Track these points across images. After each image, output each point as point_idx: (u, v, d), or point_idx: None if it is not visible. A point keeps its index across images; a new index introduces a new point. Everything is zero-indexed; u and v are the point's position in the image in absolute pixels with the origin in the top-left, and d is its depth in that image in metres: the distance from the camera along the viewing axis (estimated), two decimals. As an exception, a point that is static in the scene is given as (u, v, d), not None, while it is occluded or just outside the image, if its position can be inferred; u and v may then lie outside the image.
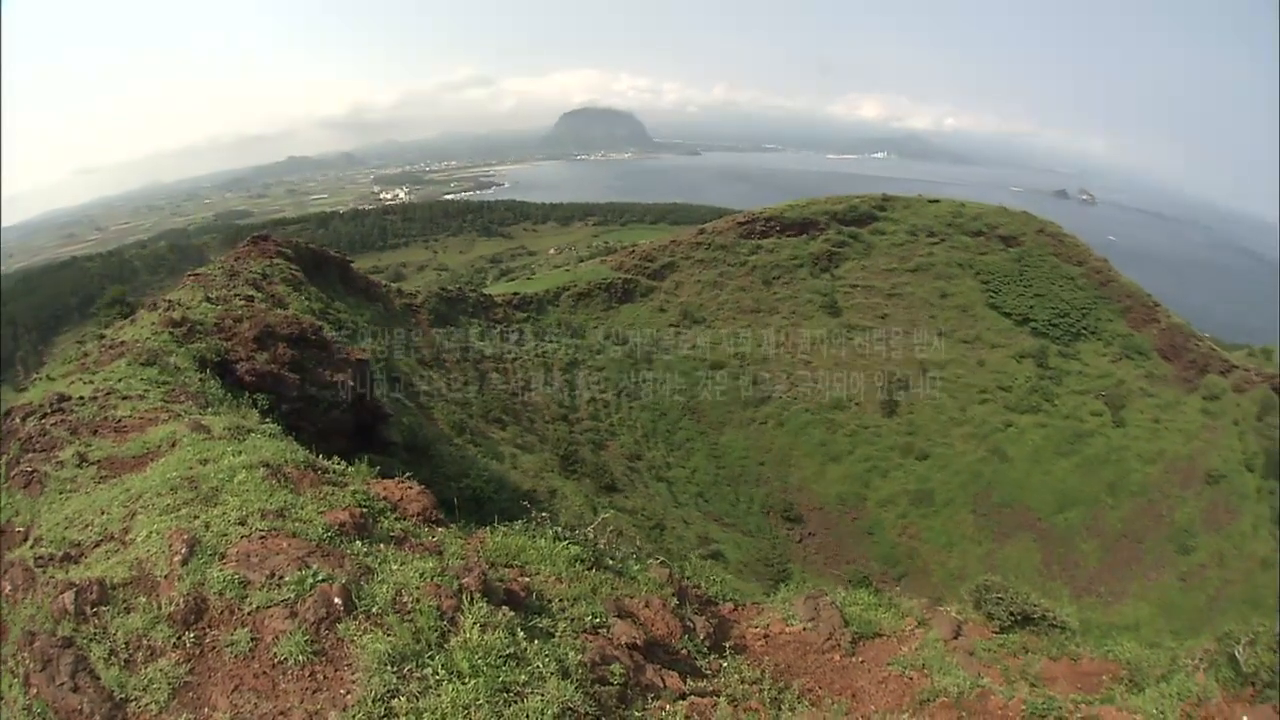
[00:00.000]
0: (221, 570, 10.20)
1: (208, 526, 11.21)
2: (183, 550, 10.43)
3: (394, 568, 11.09)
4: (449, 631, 9.91)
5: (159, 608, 9.69)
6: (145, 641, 9.38)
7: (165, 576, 10.15)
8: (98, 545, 11.33)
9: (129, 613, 9.70)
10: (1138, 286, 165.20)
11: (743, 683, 14.17)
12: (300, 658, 9.17)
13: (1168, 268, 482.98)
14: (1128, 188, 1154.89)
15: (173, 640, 9.38)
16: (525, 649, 10.09)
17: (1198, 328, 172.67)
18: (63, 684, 9.06)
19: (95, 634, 9.49)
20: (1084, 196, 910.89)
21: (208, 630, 9.59)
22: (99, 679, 9.09)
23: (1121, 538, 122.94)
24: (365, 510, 12.86)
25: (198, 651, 9.37)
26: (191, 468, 13.70)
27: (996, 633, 19.75)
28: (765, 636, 17.93)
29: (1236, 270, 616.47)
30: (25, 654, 9.49)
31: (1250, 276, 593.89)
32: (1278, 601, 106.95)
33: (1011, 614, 20.10)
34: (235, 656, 9.28)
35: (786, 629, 18.02)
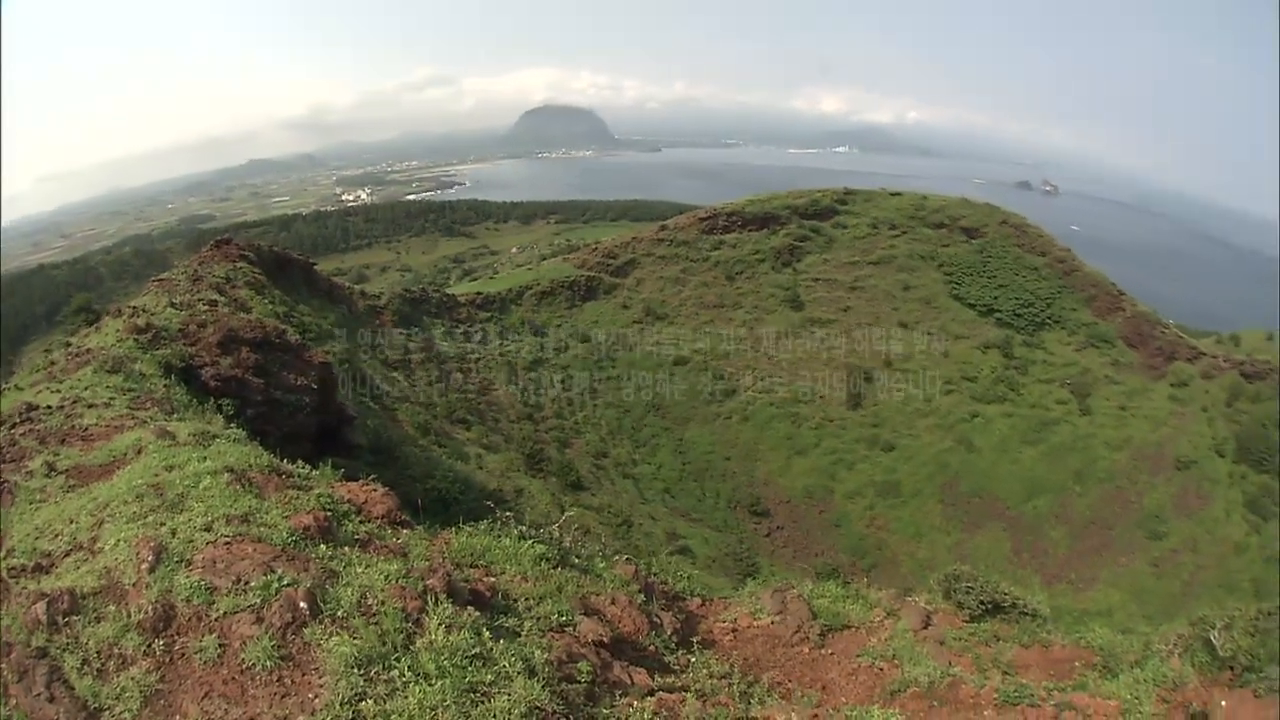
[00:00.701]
0: (188, 577, 10.23)
1: (174, 533, 11.22)
2: (150, 558, 10.45)
3: (359, 571, 11.13)
4: (414, 633, 9.95)
5: (128, 616, 9.74)
6: (116, 650, 9.42)
7: (133, 585, 10.19)
8: (68, 555, 11.32)
9: (99, 622, 9.74)
10: (1102, 275, 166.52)
11: (711, 677, 14.15)
12: (268, 663, 9.24)
13: (1133, 257, 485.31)
14: (1091, 178, 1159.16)
15: (143, 648, 9.43)
16: (491, 649, 10.12)
17: (1164, 316, 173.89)
18: (39, 694, 9.08)
19: (68, 644, 9.51)
20: (1047, 187, 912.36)
21: (176, 637, 9.63)
22: (73, 689, 9.12)
23: (1091, 524, 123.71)
24: (329, 514, 12.80)
25: (168, 659, 9.42)
26: (157, 475, 13.69)
27: (967, 622, 19.85)
28: (733, 631, 18.07)
29: (1204, 258, 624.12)
30: (3, 665, 9.48)
31: (1218, 264, 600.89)
32: (1253, 586, 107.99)
33: (981, 603, 20.20)
34: (204, 663, 9.32)
35: (754, 623, 18.17)
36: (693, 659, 15.27)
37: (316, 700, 8.91)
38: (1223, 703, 11.33)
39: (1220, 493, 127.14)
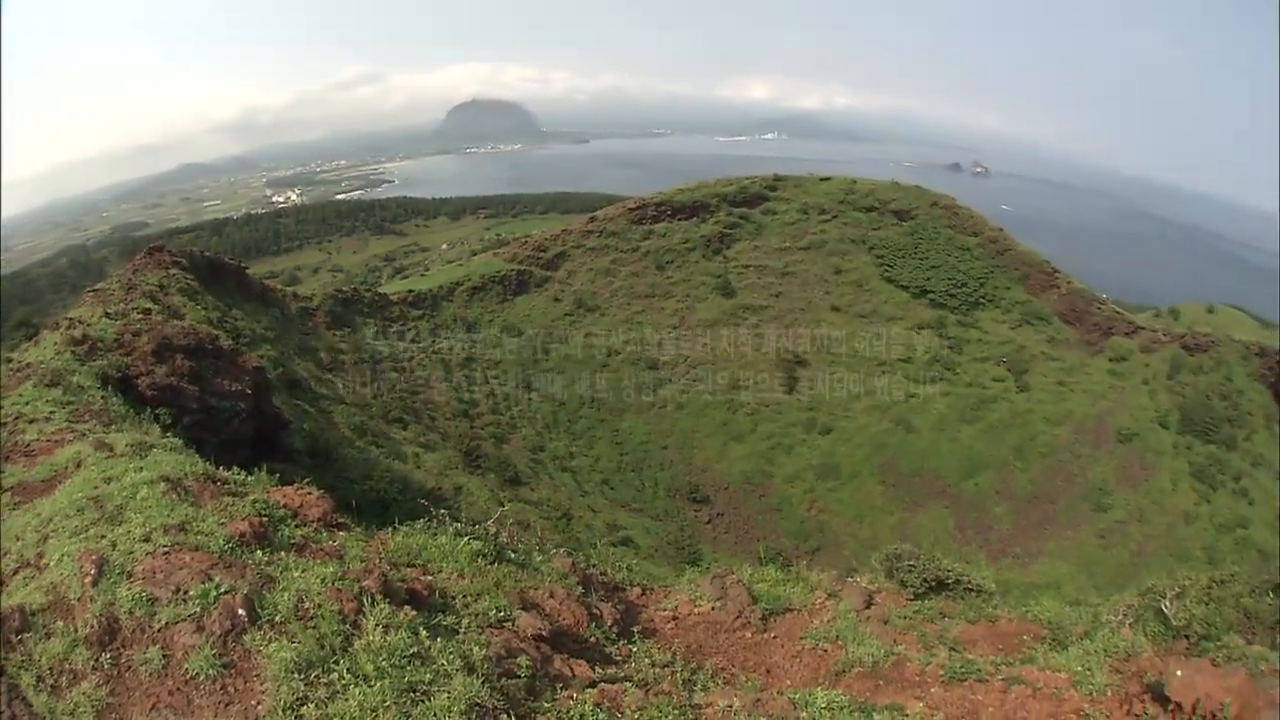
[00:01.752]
0: (130, 589, 10.18)
1: (114, 546, 11.17)
2: (92, 571, 10.44)
3: (295, 575, 11.12)
4: (352, 635, 10.02)
5: (76, 631, 9.72)
6: (67, 665, 9.45)
7: (79, 599, 10.16)
8: (16, 572, 11.26)
9: (49, 638, 9.72)
10: (1035, 254, 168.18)
11: (654, 666, 14.12)
12: (211, 671, 9.26)
13: (1070, 235, 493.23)
14: (1026, 160, 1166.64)
15: (91, 662, 9.45)
16: (429, 647, 10.18)
17: (1102, 292, 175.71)
18: (1, 713, 9.18)
19: (23, 661, 9.50)
20: (978, 169, 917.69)
21: (122, 650, 9.63)
22: (31, 706, 9.14)
23: (1033, 499, 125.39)
24: (265, 519, 12.80)
25: (115, 672, 9.43)
26: (96, 487, 13.66)
27: (910, 600, 20.16)
28: (674, 619, 18.19)
29: (1143, 235, 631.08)
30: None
31: (1157, 240, 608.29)
32: (1206, 554, 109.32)
33: (924, 580, 20.62)
34: (150, 675, 9.33)
35: (695, 610, 18.30)
36: (634, 649, 15.27)
37: (259, 707, 8.99)
38: (1178, 672, 10.89)
39: (1165, 463, 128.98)
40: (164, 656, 9.50)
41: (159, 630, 9.76)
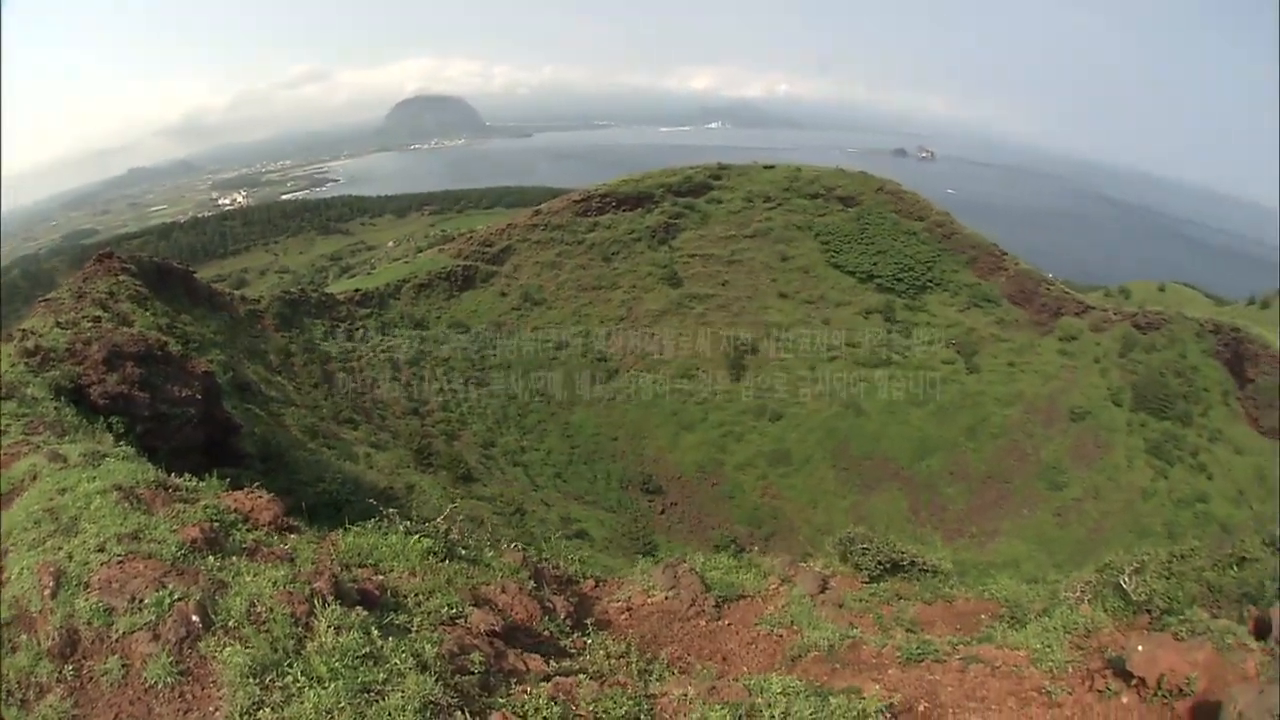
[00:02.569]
0: (87, 600, 10.19)
1: (70, 557, 11.13)
2: (50, 584, 10.45)
3: (247, 579, 11.14)
4: (305, 637, 10.05)
5: (39, 644, 9.78)
6: (33, 679, 9.50)
7: (39, 612, 10.21)
8: None
9: (15, 651, 9.77)
10: (982, 237, 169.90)
11: (608, 658, 14.08)
12: (169, 679, 9.33)
13: (1017, 217, 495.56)
14: (970, 143, 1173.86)
15: (55, 675, 9.50)
16: (382, 647, 10.19)
17: (1051, 273, 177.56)
18: (-25, 730, 9.16)
19: None
20: (923, 154, 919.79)
21: (84, 661, 9.67)
22: None
23: (987, 479, 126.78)
24: (216, 524, 12.90)
25: (78, 684, 9.47)
26: (52, 499, 13.55)
27: (866, 583, 20.19)
28: (628, 610, 18.30)
29: (1092, 216, 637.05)
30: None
31: (1106, 221, 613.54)
32: (1165, 529, 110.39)
33: (879, 563, 20.61)
34: (111, 685, 9.41)
35: (649, 600, 18.43)
36: (589, 641, 15.31)
37: (217, 713, 9.06)
38: (1139, 647, 10.89)
39: (1120, 441, 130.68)
40: (123, 666, 9.57)
41: (117, 640, 9.82)
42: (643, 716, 10.90)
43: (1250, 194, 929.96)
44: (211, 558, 11.73)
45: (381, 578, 13.70)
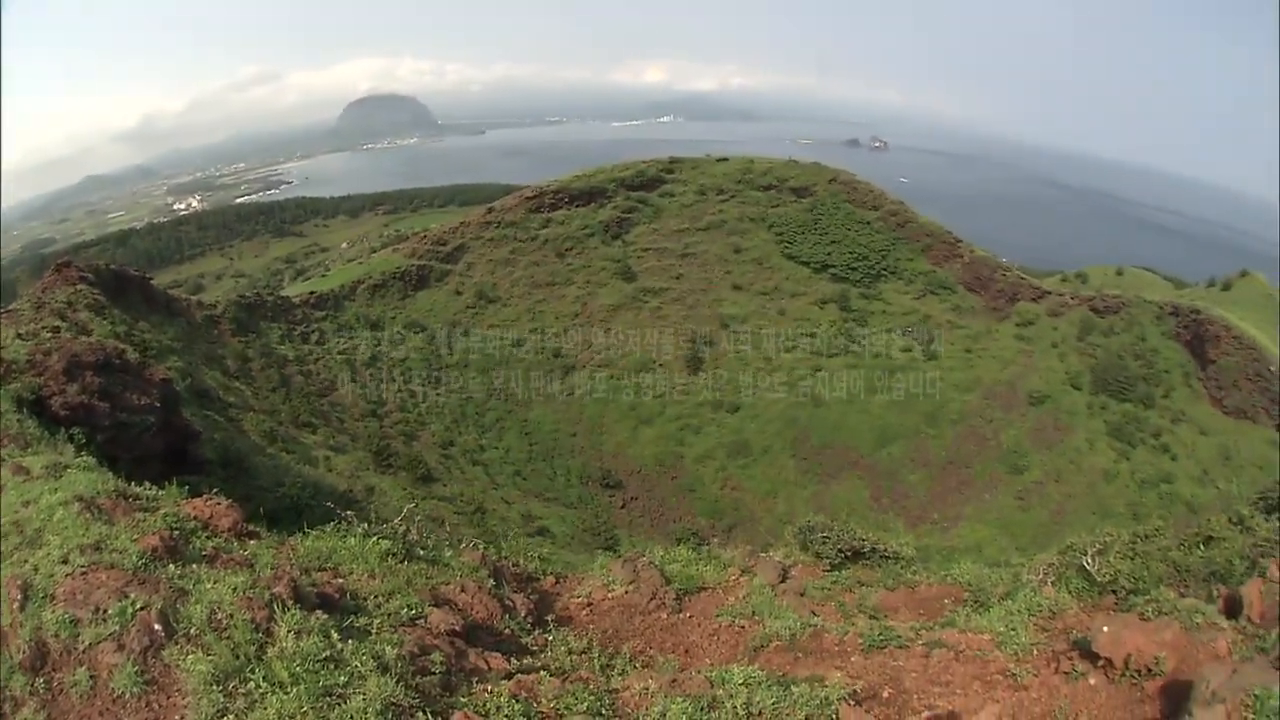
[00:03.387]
0: (54, 611, 10.22)
1: (36, 569, 11.11)
2: (19, 596, 10.48)
3: (207, 586, 11.12)
4: (266, 643, 10.16)
5: (11, 657, 9.83)
6: (7, 693, 9.61)
7: (9, 625, 10.20)
8: None
9: None
10: (937, 225, 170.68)
11: (570, 654, 14.25)
12: (135, 689, 9.45)
13: (971, 205, 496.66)
14: (923, 133, 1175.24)
15: (28, 688, 9.57)
16: (343, 650, 10.34)
17: (1007, 259, 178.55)
18: (-42, 748, 9.22)
19: None
20: (876, 144, 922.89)
21: (53, 673, 9.71)
22: None
23: (948, 465, 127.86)
24: (176, 532, 12.83)
25: (49, 696, 9.52)
26: (17, 512, 13.60)
27: (827, 571, 20.39)
28: (589, 605, 18.32)
29: (1045, 201, 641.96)
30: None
31: (1059, 206, 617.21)
32: (1129, 510, 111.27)
33: (840, 551, 20.81)
34: (80, 696, 9.51)
35: (609, 595, 18.41)
36: (550, 638, 15.32)
37: None
38: (1105, 628, 11.04)
39: (1080, 423, 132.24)
40: (91, 677, 9.66)
41: (84, 651, 9.89)
42: (605, 711, 10.99)
43: (1210, 177, 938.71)
44: (172, 566, 11.70)
45: (341, 580, 13.83)
